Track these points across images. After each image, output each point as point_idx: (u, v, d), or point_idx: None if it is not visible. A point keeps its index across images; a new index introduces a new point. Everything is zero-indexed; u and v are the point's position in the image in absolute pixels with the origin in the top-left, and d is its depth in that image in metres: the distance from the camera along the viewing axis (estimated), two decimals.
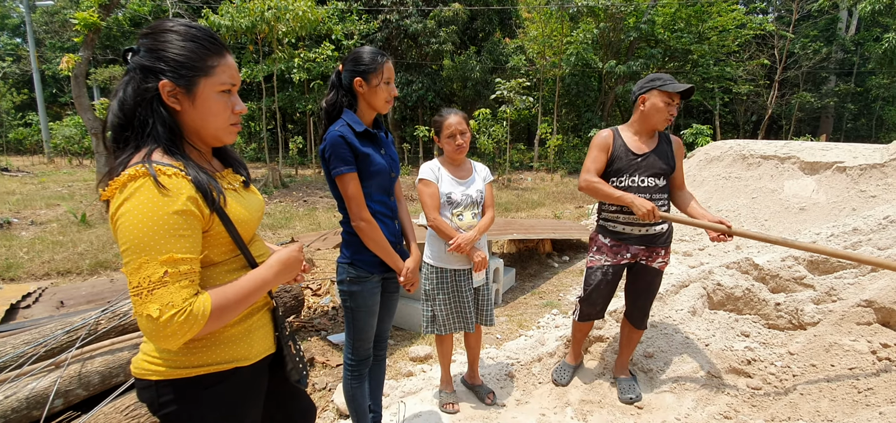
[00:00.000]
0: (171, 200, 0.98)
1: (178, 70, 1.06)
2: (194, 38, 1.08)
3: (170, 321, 0.95)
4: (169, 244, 0.97)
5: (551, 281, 5.23)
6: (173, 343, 0.98)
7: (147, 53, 1.06)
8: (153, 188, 0.97)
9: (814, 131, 21.91)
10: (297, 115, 21.26)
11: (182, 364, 1.11)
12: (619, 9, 17.32)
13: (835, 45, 21.91)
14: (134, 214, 0.96)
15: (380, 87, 1.87)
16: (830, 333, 2.73)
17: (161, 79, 1.05)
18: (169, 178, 1.00)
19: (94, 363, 2.25)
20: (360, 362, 2.08)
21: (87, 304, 3.69)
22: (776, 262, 3.42)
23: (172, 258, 0.97)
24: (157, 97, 1.05)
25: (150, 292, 0.95)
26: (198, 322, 0.99)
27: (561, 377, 2.95)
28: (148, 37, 1.07)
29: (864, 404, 2.28)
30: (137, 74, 1.05)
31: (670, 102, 2.43)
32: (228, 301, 1.06)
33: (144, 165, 0.99)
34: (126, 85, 1.06)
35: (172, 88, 1.06)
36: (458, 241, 2.36)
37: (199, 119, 1.12)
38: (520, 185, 14.33)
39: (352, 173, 1.83)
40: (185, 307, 0.97)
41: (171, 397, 1.11)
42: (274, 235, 7.45)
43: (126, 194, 0.97)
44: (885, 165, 5.77)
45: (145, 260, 0.96)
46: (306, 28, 11.95)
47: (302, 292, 3.82)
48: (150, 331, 0.96)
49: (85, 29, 10.11)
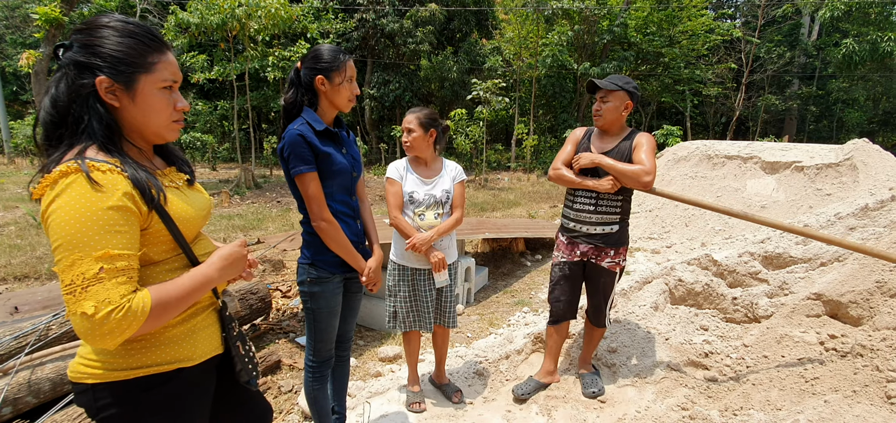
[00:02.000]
0: (106, 195, 0.96)
1: (116, 66, 1.03)
2: (132, 34, 1.06)
3: (107, 319, 0.92)
4: (104, 240, 0.95)
5: (523, 280, 5.29)
6: (110, 342, 0.95)
7: (81, 49, 1.03)
8: (86, 184, 0.95)
9: (779, 133, 22.75)
10: (271, 114, 20.92)
11: (120, 366, 1.08)
12: (593, 12, 17.64)
13: (798, 49, 22.80)
14: (66, 210, 0.93)
15: (343, 85, 1.85)
16: (782, 325, 2.85)
17: (97, 75, 1.02)
18: (102, 174, 0.98)
19: (45, 369, 2.17)
20: (322, 363, 2.07)
21: (43, 309, 3.55)
22: (733, 258, 3.55)
23: (108, 254, 0.95)
24: (93, 94, 1.03)
25: (84, 289, 0.92)
26: (137, 320, 0.96)
27: (519, 390, 2.81)
28: (82, 32, 1.05)
29: (810, 392, 2.39)
30: (71, 70, 1.03)
31: (593, 100, 2.63)
32: (170, 298, 1.04)
33: (76, 162, 0.97)
34: (58, 81, 1.03)
35: (110, 84, 1.04)
36: (413, 241, 2.38)
37: (140, 116, 1.10)
38: (496, 185, 14.43)
39: (312, 173, 1.81)
40: (123, 304, 0.95)
41: (108, 400, 1.08)
42: (245, 236, 7.32)
43: (57, 191, 0.95)
44: (839, 165, 6.04)
45: (79, 257, 0.93)
46: (279, 26, 11.76)
47: (269, 294, 3.77)
48: (85, 330, 0.93)
49: (46, 24, 9.75)
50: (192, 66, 13.09)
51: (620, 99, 2.52)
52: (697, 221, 6.63)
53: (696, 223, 6.63)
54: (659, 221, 7.19)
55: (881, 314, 2.57)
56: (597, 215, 2.58)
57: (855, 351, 2.43)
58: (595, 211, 2.58)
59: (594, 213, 2.58)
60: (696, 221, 6.64)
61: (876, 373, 2.24)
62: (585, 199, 2.60)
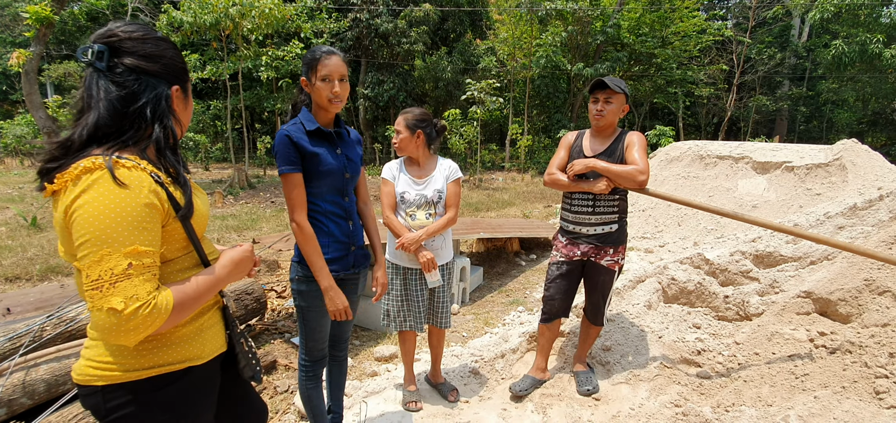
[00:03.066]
0: (135, 191, 0.97)
1: (182, 76, 1.15)
2: (173, 45, 1.15)
3: (134, 314, 0.93)
4: (133, 236, 0.96)
5: (518, 279, 5.32)
6: (133, 338, 0.96)
7: (144, 58, 1.08)
8: (112, 181, 0.96)
9: (769, 133, 22.99)
10: (265, 114, 20.81)
11: (133, 366, 1.08)
12: (587, 13, 17.73)
13: (788, 51, 23.06)
14: (95, 204, 0.94)
15: (318, 85, 1.81)
16: (773, 323, 2.90)
17: (173, 85, 1.11)
18: (129, 170, 0.99)
19: (40, 370, 2.17)
20: (315, 363, 2.07)
21: (35, 310, 3.52)
22: (725, 256, 3.59)
23: (137, 250, 0.96)
24: (167, 103, 1.10)
25: (112, 284, 0.93)
26: (161, 316, 0.98)
27: (517, 387, 2.83)
28: (136, 40, 1.08)
29: (800, 389, 2.43)
30: (143, 78, 1.07)
31: (596, 100, 2.58)
32: (188, 297, 1.06)
33: (102, 158, 0.97)
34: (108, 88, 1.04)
35: (178, 92, 1.14)
36: (402, 240, 2.39)
37: (185, 120, 1.20)
38: (491, 185, 14.47)
39: (294, 174, 1.82)
40: (150, 300, 0.96)
41: (120, 401, 1.08)
42: (239, 236, 7.29)
43: (83, 186, 0.94)
44: (828, 165, 6.13)
45: (108, 252, 0.93)
46: (273, 25, 11.72)
47: (264, 294, 3.77)
48: (110, 326, 0.93)
49: (37, 23, 9.66)
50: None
51: (621, 102, 2.57)
52: (690, 220, 6.70)
53: (688, 223, 6.69)
54: (652, 220, 7.25)
55: (869, 312, 2.62)
56: (596, 216, 2.61)
57: (844, 348, 2.47)
58: (593, 212, 2.61)
59: (592, 214, 2.61)
60: (689, 220, 6.71)
61: (864, 369, 2.28)
62: (583, 201, 2.63)
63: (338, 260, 1.95)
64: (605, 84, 2.53)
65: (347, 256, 1.99)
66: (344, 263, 1.98)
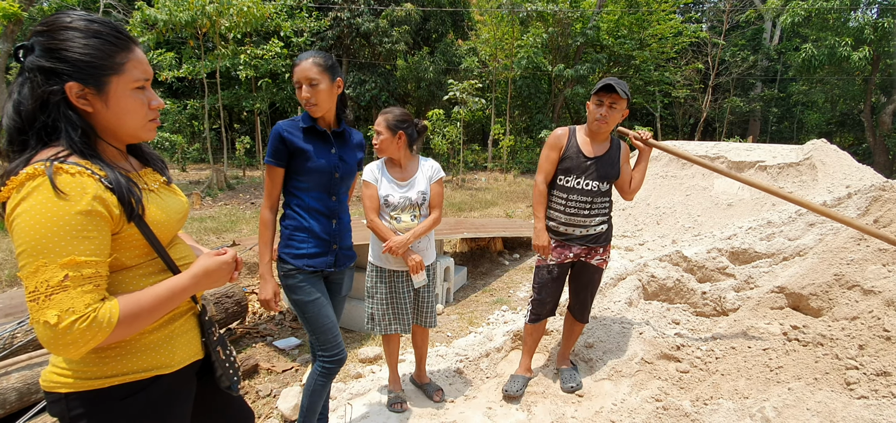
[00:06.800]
0: (74, 199, 0.93)
1: (85, 70, 0.98)
2: (98, 34, 1.01)
3: (70, 329, 0.89)
4: (70, 246, 0.92)
5: (502, 279, 5.35)
6: (74, 352, 0.92)
7: (45, 53, 0.98)
8: (51, 189, 0.91)
9: (743, 133, 23.62)
10: (244, 114, 20.45)
11: (94, 374, 1.04)
12: (567, 15, 17.94)
13: (760, 53, 23.70)
14: (31, 213, 0.90)
15: (298, 89, 1.88)
16: (748, 318, 2.98)
17: (66, 81, 0.98)
18: (71, 176, 0.94)
19: (11, 379, 2.09)
20: (335, 362, 2.01)
21: (5, 317, 3.40)
22: (702, 254, 3.68)
23: (74, 261, 0.92)
24: (64, 100, 0.98)
25: (47, 296, 0.89)
26: (102, 330, 0.93)
27: (511, 388, 2.84)
28: (44, 34, 0.99)
29: (775, 381, 2.51)
30: (37, 76, 0.97)
31: (600, 103, 2.52)
32: (141, 309, 1.00)
33: (44, 164, 0.93)
34: (21, 86, 0.98)
35: (80, 89, 0.99)
36: (389, 244, 2.38)
37: (114, 119, 1.06)
38: (474, 185, 14.51)
39: (275, 167, 1.91)
40: (88, 313, 0.92)
41: (81, 410, 1.04)
42: (218, 238, 7.15)
43: (23, 194, 0.91)
44: (799, 164, 6.34)
45: (43, 263, 0.90)
46: (251, 24, 11.53)
47: (245, 297, 3.71)
48: (47, 339, 0.90)
49: (4, 20, 9.29)
50: (160, 64, 12.65)
51: (623, 107, 2.52)
52: (668, 219, 6.84)
53: (666, 221, 6.84)
54: (632, 219, 7.38)
55: (839, 306, 2.71)
56: (591, 217, 2.63)
57: (816, 341, 2.56)
58: (589, 214, 2.63)
59: (589, 216, 2.63)
60: (667, 219, 6.85)
61: (835, 361, 2.37)
62: (580, 201, 2.61)
63: (314, 256, 1.97)
64: (612, 87, 2.43)
65: (328, 253, 2.00)
66: (323, 260, 1.98)
